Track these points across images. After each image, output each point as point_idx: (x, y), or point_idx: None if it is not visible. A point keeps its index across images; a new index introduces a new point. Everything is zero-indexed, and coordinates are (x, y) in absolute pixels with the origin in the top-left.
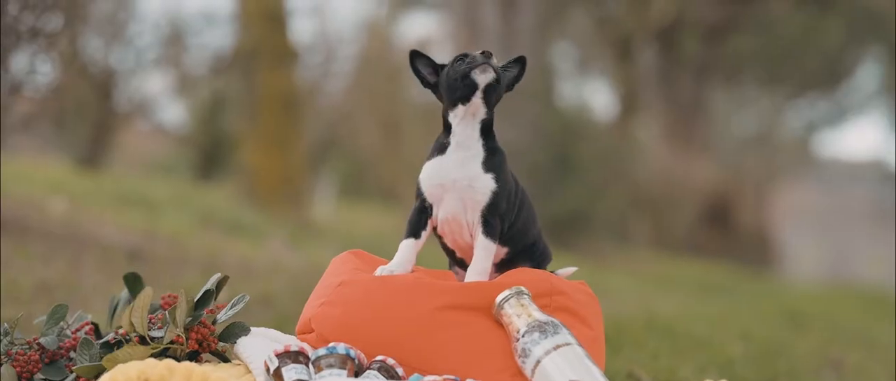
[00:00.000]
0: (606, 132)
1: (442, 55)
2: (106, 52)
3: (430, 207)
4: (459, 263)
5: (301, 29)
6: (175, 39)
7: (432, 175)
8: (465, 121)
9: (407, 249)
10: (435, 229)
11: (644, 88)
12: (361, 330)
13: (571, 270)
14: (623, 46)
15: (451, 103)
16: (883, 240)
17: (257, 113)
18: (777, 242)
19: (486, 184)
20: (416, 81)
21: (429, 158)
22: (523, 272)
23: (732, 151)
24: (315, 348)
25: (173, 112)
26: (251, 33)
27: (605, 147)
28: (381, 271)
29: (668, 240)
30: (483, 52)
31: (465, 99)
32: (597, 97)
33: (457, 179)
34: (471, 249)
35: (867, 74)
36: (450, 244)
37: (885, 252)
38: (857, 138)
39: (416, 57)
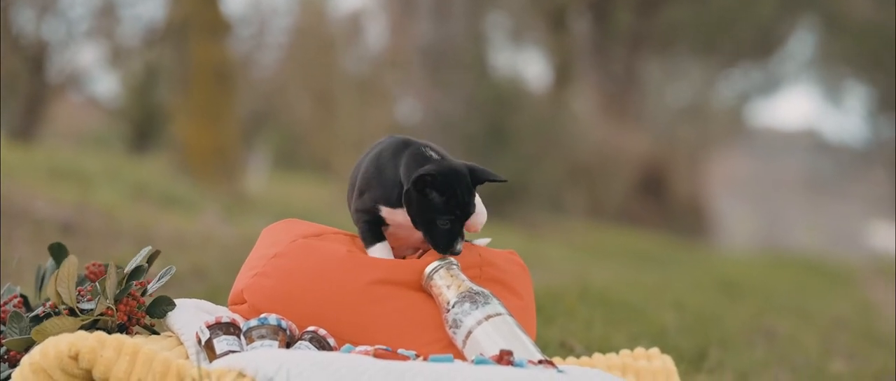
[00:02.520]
0: (540, 103)
1: (375, 27)
2: (38, 23)
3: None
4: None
5: (234, 0)
6: (107, 11)
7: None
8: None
9: (385, 250)
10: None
11: (578, 59)
12: (294, 301)
13: (486, 241)
14: (557, 17)
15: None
16: (816, 209)
17: (190, 85)
18: (711, 211)
19: None
20: (351, 52)
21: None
22: None
23: (666, 122)
24: (247, 319)
25: (106, 84)
26: (183, 5)
27: (540, 118)
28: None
29: (602, 210)
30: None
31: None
32: (530, 68)
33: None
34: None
35: (800, 44)
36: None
37: (818, 221)
38: (789, 108)
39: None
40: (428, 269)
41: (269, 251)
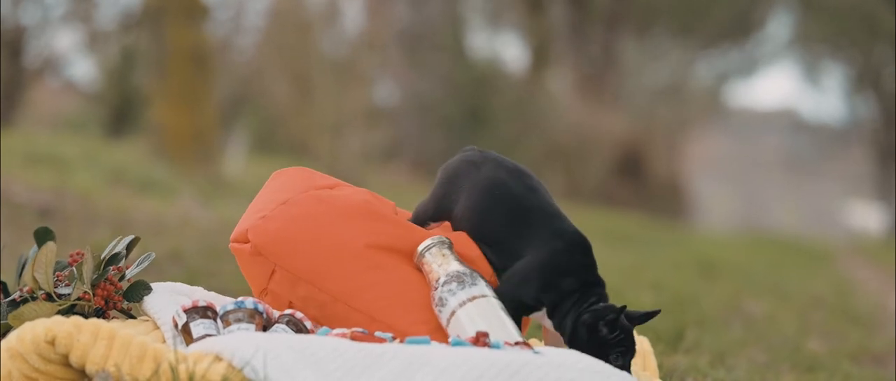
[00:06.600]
0: (518, 85)
1: (352, 9)
2: (14, 8)
3: None
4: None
5: None
6: None
7: None
8: None
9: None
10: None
11: (555, 40)
12: (294, 249)
13: None
14: None
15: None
16: (794, 188)
17: (167, 69)
18: (689, 192)
19: None
20: (328, 35)
21: None
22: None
23: (644, 102)
24: (249, 259)
25: (83, 69)
26: None
27: (517, 100)
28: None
29: (580, 191)
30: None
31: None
32: (508, 50)
33: None
34: None
35: (778, 25)
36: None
37: (796, 200)
38: (768, 88)
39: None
40: (420, 247)
41: (278, 196)
